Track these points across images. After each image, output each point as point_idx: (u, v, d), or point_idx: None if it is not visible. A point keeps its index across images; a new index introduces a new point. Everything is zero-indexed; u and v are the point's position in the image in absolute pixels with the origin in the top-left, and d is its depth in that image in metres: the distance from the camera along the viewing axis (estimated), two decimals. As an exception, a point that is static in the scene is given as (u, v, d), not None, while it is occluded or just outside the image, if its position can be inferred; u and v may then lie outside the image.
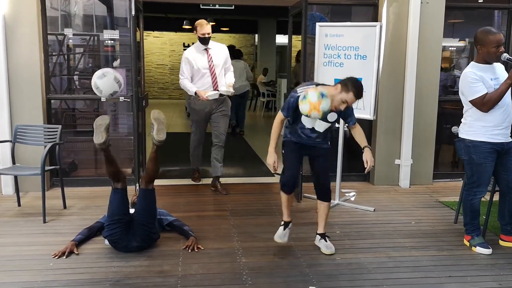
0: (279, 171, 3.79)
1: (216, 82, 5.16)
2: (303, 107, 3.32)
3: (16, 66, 5.01)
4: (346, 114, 3.59)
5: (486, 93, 3.49)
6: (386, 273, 3.35)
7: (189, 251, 3.64)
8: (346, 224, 4.32)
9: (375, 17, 5.55)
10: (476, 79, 3.52)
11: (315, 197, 3.72)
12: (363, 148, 3.62)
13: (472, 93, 3.54)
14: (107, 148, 3.59)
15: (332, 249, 3.67)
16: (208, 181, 5.60)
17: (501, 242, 3.86)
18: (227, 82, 5.25)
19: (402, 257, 3.63)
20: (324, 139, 3.68)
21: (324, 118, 3.47)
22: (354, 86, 3.38)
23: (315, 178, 3.71)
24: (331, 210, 4.66)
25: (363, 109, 4.62)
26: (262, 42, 15.12)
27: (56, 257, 3.49)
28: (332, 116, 3.52)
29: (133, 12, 4.75)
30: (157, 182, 5.59)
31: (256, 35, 16.28)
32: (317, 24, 4.82)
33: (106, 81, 3.52)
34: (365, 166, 3.57)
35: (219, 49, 5.25)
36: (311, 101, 3.26)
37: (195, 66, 5.12)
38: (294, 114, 3.55)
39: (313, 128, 3.56)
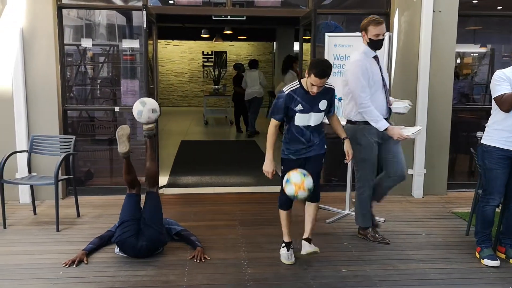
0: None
1: (389, 99, 4.03)
2: (289, 189, 3.37)
3: (33, 78, 5.15)
4: (330, 103, 3.61)
5: (507, 93, 3.46)
6: (392, 286, 3.33)
7: (196, 261, 3.68)
8: (354, 235, 4.29)
9: (387, 26, 5.50)
10: (502, 78, 3.51)
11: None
12: (343, 139, 3.71)
13: (494, 92, 3.55)
14: (129, 156, 3.83)
15: (313, 248, 3.60)
16: (226, 189, 5.49)
17: (498, 253, 3.80)
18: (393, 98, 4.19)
19: (409, 269, 3.59)
20: (321, 141, 3.64)
21: (317, 109, 3.50)
22: (313, 67, 3.34)
23: None
24: (340, 221, 4.66)
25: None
26: (280, 49, 15.12)
27: (66, 266, 3.58)
28: (323, 104, 3.54)
29: (144, 25, 4.85)
30: (168, 191, 5.74)
31: (275, 43, 16.32)
32: (326, 34, 4.82)
33: (144, 112, 3.78)
34: (346, 157, 3.67)
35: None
36: (295, 183, 3.34)
37: (371, 80, 3.84)
38: (286, 115, 3.54)
39: (309, 125, 3.55)
